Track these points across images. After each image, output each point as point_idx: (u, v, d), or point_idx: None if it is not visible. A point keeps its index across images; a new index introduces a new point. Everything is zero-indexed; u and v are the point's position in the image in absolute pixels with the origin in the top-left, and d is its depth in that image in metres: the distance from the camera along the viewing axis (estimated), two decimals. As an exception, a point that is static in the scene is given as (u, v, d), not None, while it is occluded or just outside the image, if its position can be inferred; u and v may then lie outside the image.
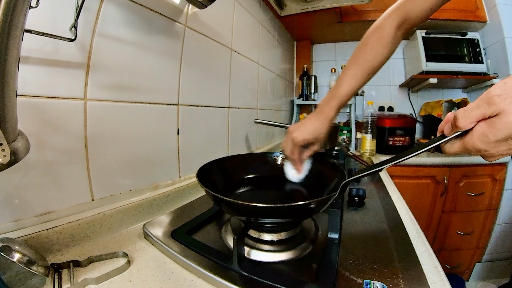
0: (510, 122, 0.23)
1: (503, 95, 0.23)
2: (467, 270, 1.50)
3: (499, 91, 0.23)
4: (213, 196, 0.40)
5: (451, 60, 1.52)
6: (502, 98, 0.23)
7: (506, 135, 0.24)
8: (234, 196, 0.55)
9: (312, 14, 1.34)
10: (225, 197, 0.38)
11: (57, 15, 0.40)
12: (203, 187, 0.42)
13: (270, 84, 1.37)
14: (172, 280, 0.37)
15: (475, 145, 0.26)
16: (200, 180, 0.44)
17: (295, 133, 0.56)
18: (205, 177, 0.49)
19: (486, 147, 0.25)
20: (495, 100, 0.23)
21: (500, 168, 1.36)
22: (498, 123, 0.24)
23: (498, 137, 0.24)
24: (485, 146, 0.25)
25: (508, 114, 0.23)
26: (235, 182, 0.60)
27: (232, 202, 0.38)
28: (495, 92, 0.24)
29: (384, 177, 0.91)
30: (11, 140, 0.25)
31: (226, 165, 0.60)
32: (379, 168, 0.35)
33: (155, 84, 0.60)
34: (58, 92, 0.42)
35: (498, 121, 0.24)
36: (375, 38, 0.54)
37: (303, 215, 0.43)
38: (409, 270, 0.37)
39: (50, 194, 0.42)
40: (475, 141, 0.26)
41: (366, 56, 0.55)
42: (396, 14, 0.53)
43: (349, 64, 0.57)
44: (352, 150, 1.57)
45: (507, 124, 0.23)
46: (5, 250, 0.30)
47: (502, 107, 0.23)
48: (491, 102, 0.24)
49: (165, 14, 0.61)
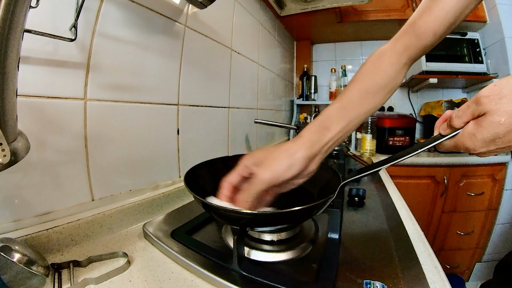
0: (495, 122, 0.24)
1: (490, 96, 0.24)
2: (467, 270, 1.50)
3: (487, 93, 0.25)
4: (201, 202, 0.37)
5: (451, 60, 1.52)
6: (489, 99, 0.24)
7: (492, 134, 0.25)
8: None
9: (312, 14, 1.34)
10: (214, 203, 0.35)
11: (57, 15, 0.40)
12: (191, 193, 0.38)
13: (270, 84, 1.37)
14: (172, 280, 0.37)
15: (464, 143, 0.28)
16: (188, 184, 0.40)
17: (261, 171, 0.36)
18: (194, 181, 0.45)
19: (475, 146, 0.27)
20: (482, 101, 0.25)
21: (500, 168, 1.36)
22: (484, 122, 0.25)
23: (484, 135, 0.25)
24: (473, 145, 0.27)
25: (494, 114, 0.24)
26: None
27: (219, 208, 0.35)
28: (483, 93, 0.25)
29: (384, 177, 0.91)
30: (11, 140, 0.25)
31: (217, 167, 0.55)
32: (376, 169, 0.35)
33: (155, 84, 0.60)
34: (58, 92, 0.42)
35: (485, 120, 0.25)
36: (374, 68, 0.44)
37: (298, 220, 0.42)
38: (409, 270, 0.37)
39: (50, 194, 0.42)
40: (464, 139, 0.27)
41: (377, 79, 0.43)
42: (402, 40, 0.44)
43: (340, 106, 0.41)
44: (352, 150, 1.57)
45: (493, 124, 0.24)
46: (5, 250, 0.30)
47: (488, 108, 0.25)
48: (479, 103, 0.25)
49: (165, 14, 0.61)
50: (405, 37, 0.43)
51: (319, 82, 1.91)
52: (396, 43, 0.44)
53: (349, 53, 1.92)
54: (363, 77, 0.43)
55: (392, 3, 1.44)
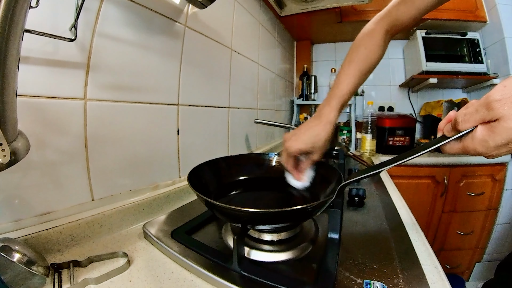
0: (509, 128, 0.23)
1: (502, 100, 0.23)
2: (467, 270, 1.50)
3: (498, 96, 0.23)
4: (205, 200, 0.38)
5: (451, 60, 1.52)
6: (501, 103, 0.23)
7: (506, 140, 0.24)
8: (227, 199, 0.53)
9: (312, 14, 1.34)
10: (217, 201, 0.36)
11: (57, 15, 0.40)
12: (195, 192, 0.40)
13: (270, 84, 1.37)
14: (172, 280, 0.37)
15: (476, 149, 0.27)
16: (191, 183, 0.42)
17: (289, 142, 0.51)
18: (197, 180, 0.47)
19: (487, 150, 0.26)
20: (494, 106, 0.24)
21: (500, 168, 1.36)
22: (498, 128, 0.24)
23: (498, 142, 0.24)
24: (486, 150, 0.26)
25: (508, 120, 0.23)
26: (228, 184, 0.58)
27: (222, 206, 0.36)
28: (494, 97, 0.24)
29: (384, 177, 0.91)
30: (11, 140, 0.25)
31: (219, 166, 0.58)
32: (377, 170, 0.35)
33: (155, 84, 0.60)
34: (58, 92, 0.42)
35: (498, 126, 0.24)
36: (368, 40, 0.58)
37: (298, 219, 0.42)
38: (409, 270, 0.37)
39: (50, 194, 0.42)
40: (476, 145, 0.26)
41: (361, 56, 0.56)
42: (384, 21, 0.58)
43: (344, 65, 0.57)
44: (352, 150, 1.57)
45: (507, 130, 0.23)
46: (5, 250, 0.30)
47: (501, 113, 0.23)
48: (490, 108, 0.24)
49: (165, 14, 0.61)
50: (385, 21, 0.57)
51: (319, 82, 1.91)
52: (377, 24, 0.58)
53: (349, 53, 1.92)
54: (357, 60, 0.56)
55: (392, 3, 1.44)
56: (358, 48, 0.57)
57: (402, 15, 0.56)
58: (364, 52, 0.57)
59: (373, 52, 0.57)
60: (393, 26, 0.58)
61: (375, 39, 0.57)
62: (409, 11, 0.55)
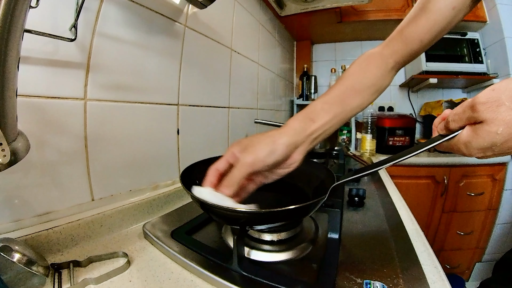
0: (492, 132, 0.23)
1: (487, 103, 0.23)
2: (467, 270, 1.50)
3: (484, 99, 0.23)
4: (198, 201, 0.36)
5: (451, 60, 1.52)
6: (486, 106, 0.23)
7: (488, 144, 0.24)
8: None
9: (312, 14, 1.34)
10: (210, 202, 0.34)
11: (57, 15, 0.40)
12: (187, 191, 0.37)
13: (270, 84, 1.37)
14: (172, 280, 0.37)
15: (460, 149, 0.27)
16: (184, 183, 0.39)
17: (243, 155, 0.36)
18: (191, 180, 0.44)
19: (470, 152, 0.26)
20: (478, 108, 0.23)
21: (500, 168, 1.36)
22: (481, 131, 0.24)
23: (480, 144, 0.25)
24: (469, 151, 0.26)
25: (491, 123, 0.23)
26: None
27: (215, 206, 0.34)
28: (480, 99, 0.23)
29: (384, 177, 0.91)
30: (11, 140, 0.25)
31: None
32: (372, 170, 0.35)
33: (155, 84, 0.60)
34: (58, 92, 0.42)
35: (481, 129, 0.24)
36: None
37: (293, 218, 0.41)
38: (409, 270, 0.37)
39: (50, 194, 0.42)
40: (460, 146, 0.27)
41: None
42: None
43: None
44: (352, 150, 1.57)
45: (490, 134, 0.23)
46: (5, 250, 0.30)
47: (485, 116, 0.23)
48: (475, 110, 0.24)
49: (165, 14, 0.61)
50: (393, 42, 0.46)
51: (319, 82, 1.91)
52: (384, 48, 0.47)
53: (349, 53, 1.92)
54: (349, 76, 0.46)
55: (392, 3, 1.44)
56: (351, 73, 0.47)
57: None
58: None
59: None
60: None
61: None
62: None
